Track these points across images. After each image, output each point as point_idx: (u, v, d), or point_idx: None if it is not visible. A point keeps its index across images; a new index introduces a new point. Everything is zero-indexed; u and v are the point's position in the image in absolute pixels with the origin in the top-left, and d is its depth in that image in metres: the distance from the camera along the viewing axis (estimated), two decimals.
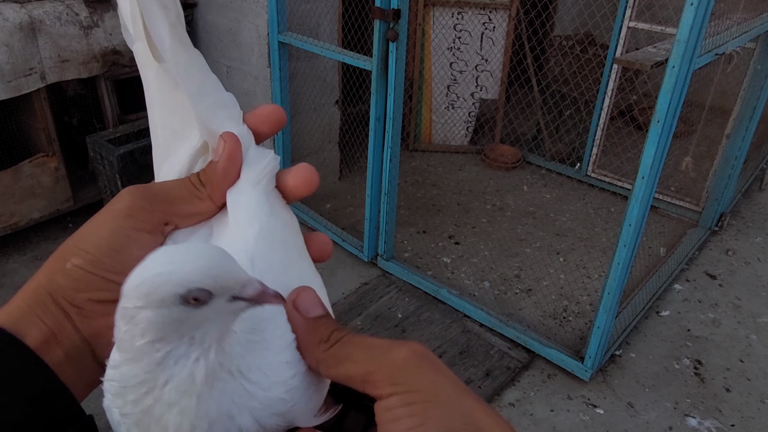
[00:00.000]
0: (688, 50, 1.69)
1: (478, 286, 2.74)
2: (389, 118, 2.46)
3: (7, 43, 2.41)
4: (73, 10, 2.63)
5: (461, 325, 2.50)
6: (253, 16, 2.89)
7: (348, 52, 2.62)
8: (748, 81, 2.91)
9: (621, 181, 3.53)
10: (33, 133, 2.76)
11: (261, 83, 2.99)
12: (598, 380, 2.30)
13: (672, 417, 2.16)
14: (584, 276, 2.82)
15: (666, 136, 1.81)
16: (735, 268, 2.99)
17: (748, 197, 3.65)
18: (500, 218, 3.29)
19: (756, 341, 2.53)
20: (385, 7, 2.26)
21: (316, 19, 3.03)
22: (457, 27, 3.68)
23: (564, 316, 2.59)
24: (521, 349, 2.39)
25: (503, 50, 3.74)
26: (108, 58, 2.79)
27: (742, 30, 2.22)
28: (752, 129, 2.96)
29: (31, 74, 2.53)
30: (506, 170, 3.78)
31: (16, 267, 2.74)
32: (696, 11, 1.63)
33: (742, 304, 2.74)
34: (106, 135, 2.87)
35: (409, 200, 3.39)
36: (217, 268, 0.33)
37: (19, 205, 2.72)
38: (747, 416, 2.18)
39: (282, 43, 2.79)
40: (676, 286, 2.83)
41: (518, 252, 3.00)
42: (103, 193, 2.99)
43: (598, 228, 3.24)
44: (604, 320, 2.14)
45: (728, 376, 2.35)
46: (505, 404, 2.18)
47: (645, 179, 1.87)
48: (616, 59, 3.00)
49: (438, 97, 3.85)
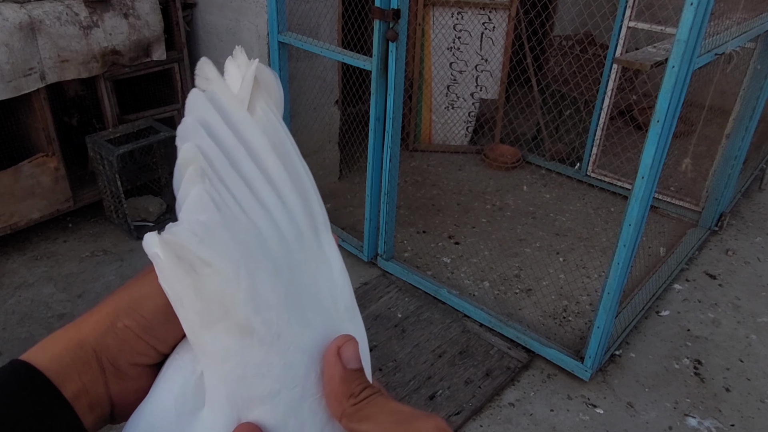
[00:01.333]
0: (687, 50, 1.69)
1: (478, 286, 2.74)
2: (389, 118, 2.46)
3: (6, 43, 2.41)
4: (72, 10, 2.63)
5: (461, 325, 2.50)
6: (253, 16, 2.89)
7: (348, 52, 2.61)
8: (748, 81, 2.91)
9: (621, 181, 3.53)
10: (33, 133, 2.76)
11: None
12: (598, 380, 2.30)
13: (672, 417, 2.16)
14: (584, 276, 2.82)
15: (666, 136, 1.82)
16: (735, 268, 2.99)
17: (748, 197, 3.65)
18: (500, 218, 3.29)
19: (756, 341, 2.53)
20: (384, 7, 2.26)
21: (315, 19, 3.03)
22: (457, 27, 3.68)
23: (564, 316, 2.59)
24: (521, 349, 2.39)
25: (503, 50, 3.74)
26: (108, 58, 2.79)
27: (742, 30, 2.22)
28: (752, 129, 2.96)
29: (30, 74, 2.53)
30: (506, 170, 3.78)
31: (16, 267, 2.74)
32: (696, 11, 1.63)
33: (742, 304, 2.74)
34: (105, 135, 2.87)
35: (409, 200, 3.39)
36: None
37: (19, 205, 2.72)
38: (747, 416, 2.18)
39: (282, 43, 2.79)
40: (676, 286, 2.83)
41: (518, 252, 3.01)
42: (102, 193, 2.99)
43: (598, 228, 3.24)
44: (604, 320, 2.14)
45: (728, 376, 2.35)
46: (505, 404, 2.18)
47: (645, 179, 1.87)
48: (616, 59, 3.00)
49: (438, 97, 3.85)
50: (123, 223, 2.97)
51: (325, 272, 0.42)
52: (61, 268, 2.75)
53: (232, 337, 0.38)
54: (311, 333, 0.40)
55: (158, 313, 0.38)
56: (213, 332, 0.37)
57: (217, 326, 0.37)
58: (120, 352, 0.38)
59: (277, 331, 0.38)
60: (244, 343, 0.38)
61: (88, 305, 2.54)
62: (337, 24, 3.17)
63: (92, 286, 2.65)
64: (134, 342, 0.38)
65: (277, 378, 0.38)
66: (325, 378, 0.38)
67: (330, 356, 0.38)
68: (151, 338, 0.39)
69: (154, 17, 2.90)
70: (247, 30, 2.94)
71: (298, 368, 0.39)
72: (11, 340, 2.35)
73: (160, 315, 0.38)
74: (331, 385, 0.38)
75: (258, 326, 0.38)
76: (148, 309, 0.38)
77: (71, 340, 0.38)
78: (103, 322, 0.38)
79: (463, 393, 2.18)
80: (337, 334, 0.40)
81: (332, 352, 0.39)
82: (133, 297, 0.39)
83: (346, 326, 0.42)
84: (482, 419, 2.11)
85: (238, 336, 0.37)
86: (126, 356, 0.38)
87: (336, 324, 0.41)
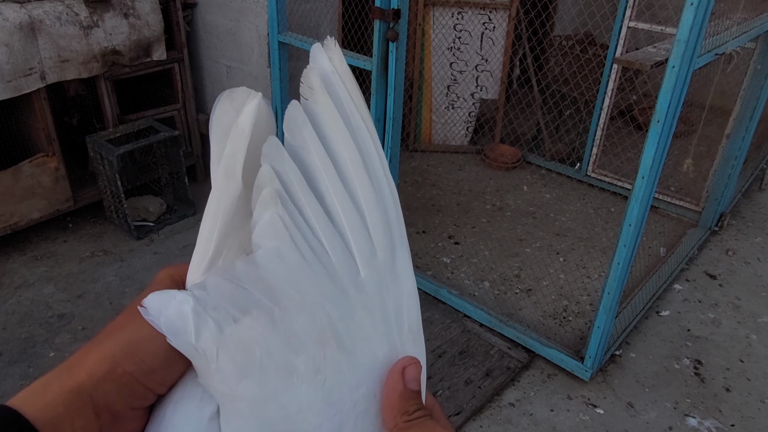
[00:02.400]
0: (688, 50, 1.69)
1: (478, 286, 2.74)
2: (389, 118, 2.46)
3: (7, 43, 2.41)
4: (73, 10, 2.63)
5: (461, 325, 2.50)
6: (253, 16, 2.89)
7: (348, 52, 2.61)
8: (748, 81, 2.91)
9: (621, 181, 3.53)
10: (33, 133, 2.76)
11: (261, 83, 2.99)
12: (598, 380, 2.30)
13: (672, 417, 2.16)
14: (584, 276, 2.82)
15: (666, 136, 1.81)
16: (735, 268, 2.99)
17: (748, 197, 3.65)
18: (500, 218, 3.29)
19: (756, 341, 2.53)
20: (385, 7, 2.26)
21: (316, 19, 3.03)
22: (457, 27, 3.68)
23: (564, 316, 2.59)
24: (521, 349, 2.39)
25: (503, 50, 3.74)
26: (108, 58, 2.79)
27: (742, 30, 2.22)
28: (752, 129, 2.96)
29: (31, 74, 2.53)
30: (506, 170, 3.78)
31: (16, 267, 2.74)
32: (696, 11, 1.63)
33: (742, 304, 2.74)
34: (105, 135, 2.87)
35: (408, 200, 3.39)
36: None
37: (19, 205, 2.72)
38: (747, 416, 2.18)
39: (282, 43, 2.79)
40: (676, 286, 2.83)
41: (518, 252, 3.00)
42: (102, 193, 2.99)
43: (598, 228, 3.24)
44: (604, 320, 2.14)
45: (728, 376, 2.35)
46: (505, 404, 2.18)
47: (645, 179, 1.87)
48: (616, 59, 3.00)
49: (438, 97, 3.85)
50: (123, 223, 2.97)
51: (393, 292, 0.44)
52: (61, 268, 2.75)
53: (276, 379, 0.38)
54: (359, 358, 0.41)
55: (160, 356, 0.37)
56: (251, 380, 0.38)
57: (256, 374, 0.38)
58: (118, 398, 0.37)
59: (316, 366, 0.40)
60: (286, 385, 0.39)
61: (88, 305, 2.54)
62: (337, 24, 3.17)
63: (92, 287, 2.65)
64: (134, 387, 0.37)
65: (318, 412, 0.39)
66: (386, 391, 0.41)
67: (394, 373, 0.42)
68: (152, 382, 0.38)
69: (155, 17, 2.90)
70: (248, 30, 2.94)
71: (339, 397, 0.40)
72: (11, 340, 2.35)
73: (161, 358, 0.38)
74: (390, 399, 0.41)
75: (299, 365, 0.39)
76: (149, 353, 0.37)
77: (64, 387, 0.36)
78: (100, 368, 0.37)
79: (463, 393, 2.18)
80: (397, 352, 0.43)
81: (397, 370, 0.42)
82: (132, 340, 0.38)
83: (408, 347, 0.44)
84: (482, 419, 2.11)
85: (281, 378, 0.39)
86: (124, 401, 0.37)
87: (396, 344, 0.43)
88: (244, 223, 0.42)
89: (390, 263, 0.44)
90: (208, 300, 0.38)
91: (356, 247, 0.42)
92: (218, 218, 0.41)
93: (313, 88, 0.44)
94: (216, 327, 0.37)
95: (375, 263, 0.43)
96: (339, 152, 0.43)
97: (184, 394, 0.39)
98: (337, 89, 0.44)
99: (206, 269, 0.42)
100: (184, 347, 0.37)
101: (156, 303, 0.38)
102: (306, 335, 0.40)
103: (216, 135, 0.42)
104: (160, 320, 0.37)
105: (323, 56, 0.45)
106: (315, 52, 0.45)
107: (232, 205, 0.41)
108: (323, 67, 0.45)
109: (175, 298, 0.38)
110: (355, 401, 0.41)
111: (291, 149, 0.42)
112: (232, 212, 0.41)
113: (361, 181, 0.43)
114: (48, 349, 2.32)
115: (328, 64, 0.45)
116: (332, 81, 0.45)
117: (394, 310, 0.43)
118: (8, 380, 2.18)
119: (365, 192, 0.43)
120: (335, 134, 0.43)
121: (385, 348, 0.42)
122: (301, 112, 0.43)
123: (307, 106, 0.43)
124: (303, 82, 0.44)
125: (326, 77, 0.44)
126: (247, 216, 0.42)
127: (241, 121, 0.41)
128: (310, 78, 0.44)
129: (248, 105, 0.41)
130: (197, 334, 0.37)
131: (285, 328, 0.39)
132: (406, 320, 0.44)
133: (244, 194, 0.41)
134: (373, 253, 0.43)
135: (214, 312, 0.38)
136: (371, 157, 0.44)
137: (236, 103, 0.42)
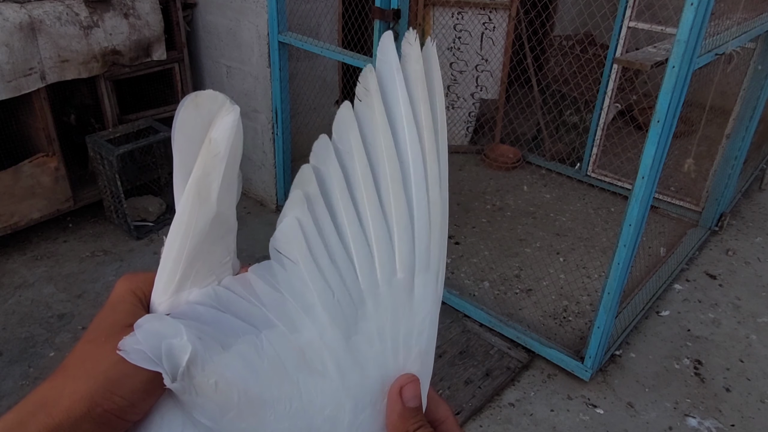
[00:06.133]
0: (688, 50, 1.69)
1: (478, 286, 2.74)
2: None
3: (7, 43, 2.41)
4: (73, 10, 2.63)
5: (461, 325, 2.50)
6: (253, 16, 2.89)
7: (348, 52, 2.61)
8: (748, 81, 2.91)
9: (621, 181, 3.53)
10: (33, 133, 2.76)
11: (261, 83, 2.99)
12: (598, 380, 2.30)
13: (672, 417, 2.16)
14: (584, 276, 2.82)
15: (666, 136, 1.81)
16: (735, 268, 2.99)
17: (748, 197, 3.65)
18: (500, 218, 3.29)
19: (756, 341, 2.53)
20: (385, 7, 2.26)
21: (316, 19, 3.03)
22: (457, 27, 3.68)
23: (564, 316, 2.59)
24: (521, 349, 2.39)
25: (503, 50, 3.74)
26: (108, 58, 2.79)
27: (742, 30, 2.22)
28: (752, 129, 2.96)
29: (31, 74, 2.53)
30: (506, 170, 3.78)
31: (16, 267, 2.74)
32: (696, 11, 1.63)
33: (742, 304, 2.74)
34: (105, 135, 2.88)
35: None
36: None
37: (19, 205, 2.72)
38: (747, 416, 2.18)
39: (282, 43, 2.79)
40: (676, 286, 2.83)
41: (518, 252, 3.00)
42: (102, 193, 2.99)
43: (598, 228, 3.24)
44: (604, 320, 2.14)
45: (728, 376, 2.35)
46: (505, 404, 2.18)
47: (645, 179, 1.87)
48: (616, 59, 3.00)
49: None
50: (123, 223, 2.97)
51: (407, 315, 0.43)
52: (61, 268, 2.75)
53: (260, 411, 0.38)
54: (349, 383, 0.41)
55: (139, 391, 0.37)
56: (235, 414, 0.38)
57: (238, 409, 0.38)
58: None
59: (300, 393, 0.39)
60: (270, 416, 0.39)
61: (88, 305, 2.54)
62: (337, 24, 3.17)
63: (92, 286, 2.65)
64: (114, 423, 0.37)
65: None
66: (387, 411, 0.42)
67: (393, 393, 0.42)
68: (130, 414, 0.37)
69: (155, 17, 2.90)
70: (248, 30, 2.94)
71: (331, 424, 0.40)
72: (11, 340, 2.35)
73: (140, 392, 0.37)
74: (391, 419, 0.42)
75: (284, 395, 0.39)
76: (129, 390, 0.36)
77: (41, 427, 0.35)
78: (78, 407, 0.36)
79: (463, 393, 2.18)
80: (401, 373, 0.43)
81: (395, 390, 0.42)
82: (110, 378, 0.36)
83: (412, 368, 0.43)
84: (482, 419, 2.11)
85: (265, 408, 0.39)
86: None
87: (400, 366, 0.43)
88: (216, 247, 0.41)
89: (409, 286, 0.42)
90: (200, 341, 0.37)
91: (379, 263, 0.41)
92: (188, 240, 0.39)
93: (368, 90, 0.41)
94: (204, 366, 0.37)
95: (395, 283, 0.42)
96: (381, 164, 0.42)
97: (164, 423, 0.39)
98: (398, 94, 0.42)
99: (174, 292, 0.40)
100: (177, 388, 0.37)
101: (144, 345, 0.37)
102: (292, 362, 0.39)
103: (180, 144, 0.39)
104: (151, 365, 0.36)
105: (393, 54, 0.42)
106: (385, 44, 0.42)
107: (205, 228, 0.39)
108: (387, 67, 0.42)
109: (167, 339, 0.37)
110: (356, 426, 0.41)
111: (337, 152, 0.41)
112: (204, 235, 0.39)
113: (396, 198, 0.42)
114: (48, 348, 2.32)
115: (396, 63, 0.42)
116: (394, 85, 0.42)
117: (404, 333, 0.42)
118: (8, 380, 2.18)
119: (399, 210, 0.42)
120: (380, 144, 0.42)
121: (384, 372, 0.42)
122: (351, 115, 0.41)
123: (359, 109, 0.42)
124: (360, 81, 0.42)
125: (388, 78, 0.42)
126: (220, 239, 0.40)
127: (217, 140, 0.38)
128: (367, 78, 0.41)
129: (224, 121, 0.38)
130: (190, 377, 0.37)
131: (271, 356, 0.38)
132: (416, 345, 0.43)
133: (217, 217, 0.40)
134: (394, 273, 0.42)
135: (205, 352, 0.37)
136: (417, 174, 0.42)
137: (202, 110, 0.38)
